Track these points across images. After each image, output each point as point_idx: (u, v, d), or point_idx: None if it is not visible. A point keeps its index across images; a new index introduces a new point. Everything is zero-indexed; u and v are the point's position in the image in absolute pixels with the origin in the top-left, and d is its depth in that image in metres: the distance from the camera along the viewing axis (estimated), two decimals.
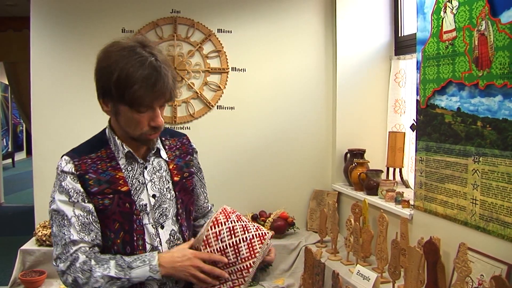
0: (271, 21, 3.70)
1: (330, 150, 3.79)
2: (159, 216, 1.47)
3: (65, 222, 1.36)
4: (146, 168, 1.47)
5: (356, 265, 2.77)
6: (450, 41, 2.29)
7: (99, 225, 1.39)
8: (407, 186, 3.22)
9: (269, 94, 3.74)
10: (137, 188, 1.43)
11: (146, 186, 1.45)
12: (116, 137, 1.43)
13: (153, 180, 1.47)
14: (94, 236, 1.38)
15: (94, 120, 3.62)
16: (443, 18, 2.32)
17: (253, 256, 1.45)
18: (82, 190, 1.37)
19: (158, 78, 1.30)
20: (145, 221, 1.44)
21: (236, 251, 1.45)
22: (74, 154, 1.41)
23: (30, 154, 7.97)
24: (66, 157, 1.41)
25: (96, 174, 1.39)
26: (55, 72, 3.54)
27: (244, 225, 1.49)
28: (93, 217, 1.38)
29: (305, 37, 3.75)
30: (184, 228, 1.53)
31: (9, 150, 11.76)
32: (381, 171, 3.24)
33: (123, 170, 1.43)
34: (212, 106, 3.69)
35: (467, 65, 2.17)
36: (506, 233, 1.98)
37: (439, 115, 2.38)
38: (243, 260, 1.45)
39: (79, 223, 1.36)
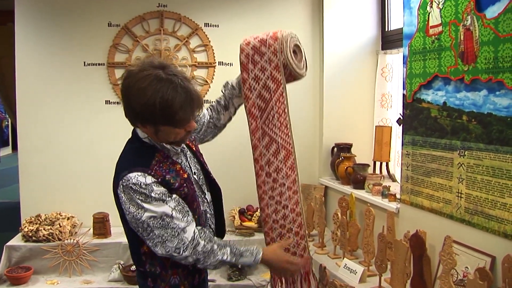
0: (258, 15, 3.69)
1: (317, 144, 3.79)
2: (201, 185, 1.78)
3: (167, 219, 1.56)
4: (185, 155, 1.76)
5: (343, 258, 2.78)
6: (436, 36, 2.29)
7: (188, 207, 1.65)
8: (393, 180, 3.23)
9: None
10: (189, 173, 1.71)
11: (191, 167, 1.74)
12: (164, 143, 1.64)
13: (189, 161, 1.76)
14: (191, 215, 1.64)
15: (80, 115, 3.61)
16: (429, 13, 2.33)
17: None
18: (165, 190, 1.57)
19: (192, 96, 1.55)
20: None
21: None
22: (141, 167, 1.57)
23: (15, 150, 7.87)
24: (138, 173, 1.55)
25: (168, 174, 1.61)
26: (41, 66, 3.50)
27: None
28: (182, 203, 1.62)
29: (292, 31, 3.73)
30: (212, 175, 1.86)
31: None
32: (368, 165, 3.25)
33: (178, 162, 1.68)
34: None
35: (453, 59, 2.18)
36: (490, 225, 2.00)
37: (425, 109, 2.39)
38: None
39: (178, 212, 1.58)
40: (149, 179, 1.55)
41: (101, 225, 3.39)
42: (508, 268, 1.85)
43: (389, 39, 3.49)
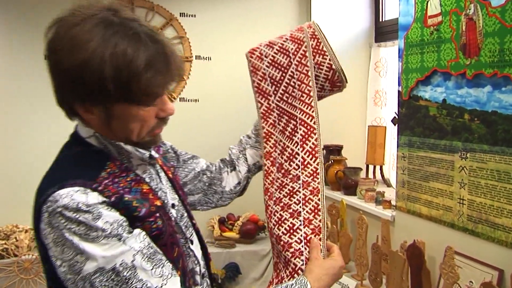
0: (239, 4, 3.67)
1: None
2: (185, 229, 1.24)
3: (127, 273, 0.98)
4: (158, 173, 1.22)
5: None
6: (435, 27, 2.28)
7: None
8: (388, 185, 3.23)
9: (237, 85, 3.67)
10: (164, 200, 1.18)
11: (167, 194, 1.21)
12: (122, 143, 1.11)
13: (165, 185, 1.23)
14: (170, 266, 1.06)
15: (41, 116, 3.51)
16: (428, 1, 2.31)
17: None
18: (123, 218, 1.02)
19: (167, 51, 1.06)
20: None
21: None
22: (81, 180, 1.02)
23: None
24: (73, 188, 0.99)
25: (129, 193, 1.07)
26: (4, 64, 3.42)
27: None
28: (153, 245, 1.05)
29: (277, 21, 3.72)
30: (200, 233, 1.32)
31: None
32: (360, 169, 3.23)
33: (146, 180, 1.16)
34: (174, 98, 3.64)
35: (454, 52, 2.16)
36: (497, 235, 1.98)
37: (422, 108, 2.38)
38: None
39: (147, 258, 1.01)
40: (94, 197, 1.00)
41: None
42: None
43: (383, 31, 3.48)
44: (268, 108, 1.49)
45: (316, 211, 1.34)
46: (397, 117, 2.73)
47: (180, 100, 3.65)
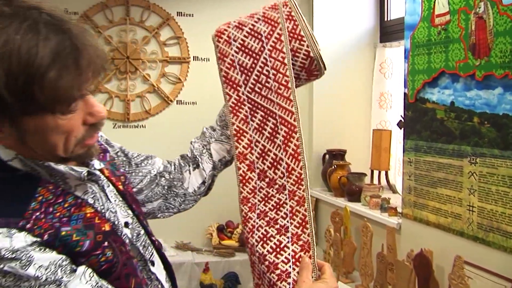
0: (238, 3, 3.65)
1: (307, 151, 3.73)
2: (144, 250, 1.10)
3: None
4: (103, 188, 1.05)
5: (337, 282, 2.73)
6: (443, 26, 2.26)
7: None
8: (394, 191, 3.21)
9: None
10: (114, 222, 1.03)
11: (117, 213, 1.05)
12: (52, 164, 0.94)
13: (114, 201, 1.07)
14: None
15: None
16: (435, 0, 2.30)
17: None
18: (62, 257, 0.88)
19: (77, 43, 0.87)
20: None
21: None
22: (3, 218, 0.86)
23: None
24: None
25: (67, 224, 0.92)
26: None
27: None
28: (103, 284, 0.93)
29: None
30: (162, 251, 1.19)
31: None
32: (365, 175, 3.21)
33: (89, 202, 1.00)
34: (171, 101, 3.63)
35: (463, 53, 2.15)
36: (509, 244, 1.95)
37: (430, 111, 2.36)
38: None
39: None
40: (20, 240, 0.84)
41: None
42: None
43: (388, 30, 3.48)
44: (238, 101, 1.33)
45: (303, 223, 1.23)
46: (403, 120, 2.73)
47: (177, 103, 3.63)
